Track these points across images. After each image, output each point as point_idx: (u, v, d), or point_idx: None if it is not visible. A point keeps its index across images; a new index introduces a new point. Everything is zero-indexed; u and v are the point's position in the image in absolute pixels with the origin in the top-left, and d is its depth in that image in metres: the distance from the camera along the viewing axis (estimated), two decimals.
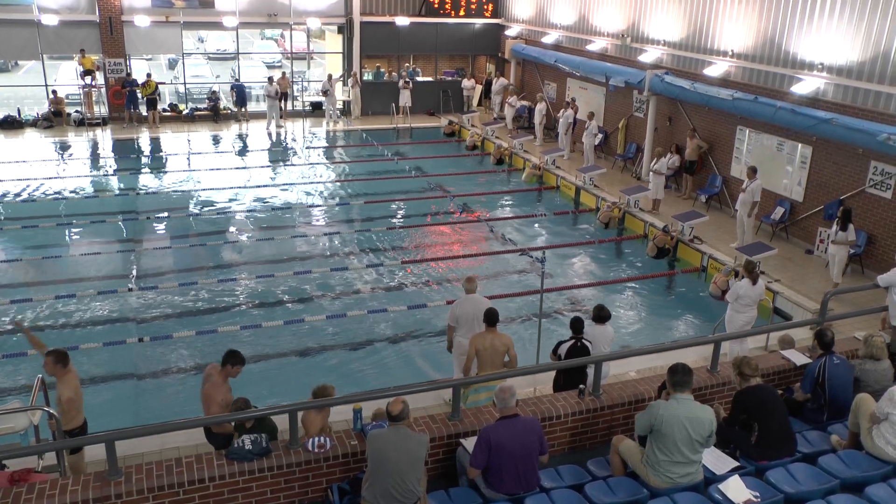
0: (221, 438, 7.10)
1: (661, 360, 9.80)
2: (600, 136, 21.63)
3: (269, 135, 25.81)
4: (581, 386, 7.26)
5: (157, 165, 22.34)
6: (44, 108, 26.08)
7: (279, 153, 24.07)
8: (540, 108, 23.83)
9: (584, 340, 8.42)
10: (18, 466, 6.35)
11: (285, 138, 25.75)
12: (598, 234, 16.70)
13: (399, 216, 17.81)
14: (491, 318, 8.35)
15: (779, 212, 15.41)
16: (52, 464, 7.08)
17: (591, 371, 7.69)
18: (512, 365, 8.32)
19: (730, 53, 16.76)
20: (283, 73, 27.66)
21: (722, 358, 7.95)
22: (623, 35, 20.79)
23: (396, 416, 5.69)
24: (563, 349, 8.39)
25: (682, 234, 15.06)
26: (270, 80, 26.52)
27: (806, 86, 14.62)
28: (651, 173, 17.50)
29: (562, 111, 22.62)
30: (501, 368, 8.23)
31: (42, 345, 7.60)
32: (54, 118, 25.50)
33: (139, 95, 25.64)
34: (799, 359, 8.07)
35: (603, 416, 7.17)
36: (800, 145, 15.14)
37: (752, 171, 14.51)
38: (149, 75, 25.89)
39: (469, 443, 6.26)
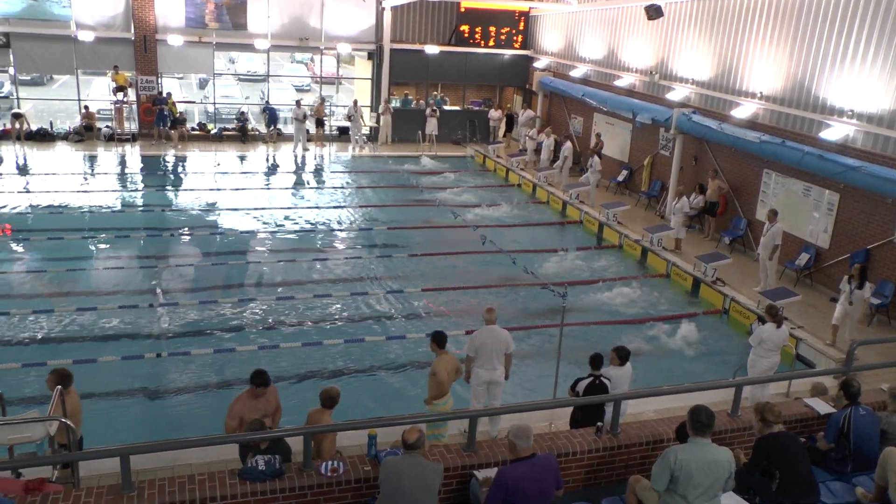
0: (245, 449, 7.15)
1: (680, 402, 9.66)
2: (625, 173, 21.60)
3: (296, 157, 26.06)
4: (599, 423, 7.17)
5: (184, 183, 22.56)
6: (76, 122, 26.57)
7: (304, 176, 24.26)
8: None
9: (602, 378, 8.34)
10: (33, 476, 6.34)
11: (320, 161, 25.98)
12: (620, 272, 16.62)
13: (421, 244, 17.81)
14: (441, 340, 8.61)
15: (803, 258, 15.24)
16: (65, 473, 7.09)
17: (609, 409, 7.60)
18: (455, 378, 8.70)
19: (758, 95, 16.75)
20: (323, 99, 28.01)
21: (743, 402, 7.83)
22: (651, 72, 20.86)
23: (412, 444, 5.64)
24: (581, 386, 8.30)
25: (704, 274, 14.97)
26: (298, 103, 26.87)
27: (835, 132, 14.53)
28: (672, 213, 17.46)
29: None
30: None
31: None
32: (85, 132, 25.95)
33: (168, 113, 26.03)
34: (823, 407, 7.92)
35: (620, 455, 7.07)
36: (827, 191, 15.02)
37: (773, 215, 14.43)
38: (168, 94, 26.27)
39: (483, 474, 6.18)
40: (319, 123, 27.65)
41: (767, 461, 6.32)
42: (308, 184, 23.50)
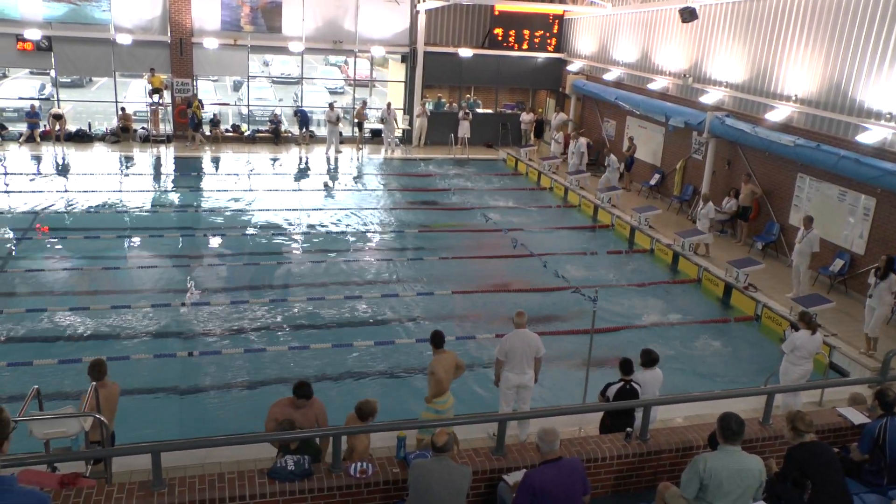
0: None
1: (710, 409, 9.56)
2: (657, 177, 21.43)
3: (328, 160, 26.26)
4: (628, 429, 7.13)
5: (217, 184, 22.83)
6: (112, 123, 27.02)
7: (337, 178, 24.40)
8: (581, 142, 24.24)
9: (633, 383, 8.28)
10: (68, 470, 6.46)
11: (357, 164, 26.19)
12: (651, 276, 16.50)
13: (451, 246, 17.84)
14: (438, 340, 8.62)
15: (837, 264, 14.99)
16: (98, 469, 7.22)
17: (638, 415, 7.54)
18: (458, 374, 8.77)
19: (793, 98, 16.51)
20: (364, 102, 28.20)
21: (775, 411, 7.73)
22: (685, 75, 20.68)
23: (441, 447, 5.65)
24: (611, 391, 8.25)
25: (736, 280, 14.81)
26: (331, 105, 27.08)
27: (872, 135, 14.27)
28: (698, 217, 17.33)
29: (573, 141, 24.20)
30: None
31: None
32: (122, 134, 26.39)
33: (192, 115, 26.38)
34: (856, 417, 7.79)
35: (649, 461, 7.02)
36: (863, 196, 14.77)
37: (809, 221, 14.18)
38: (194, 96, 26.58)
39: (511, 478, 6.18)
40: (359, 126, 27.83)
41: (799, 471, 6.23)
42: (340, 186, 23.61)
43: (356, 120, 27.79)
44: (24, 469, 5.93)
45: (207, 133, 27.04)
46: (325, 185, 23.49)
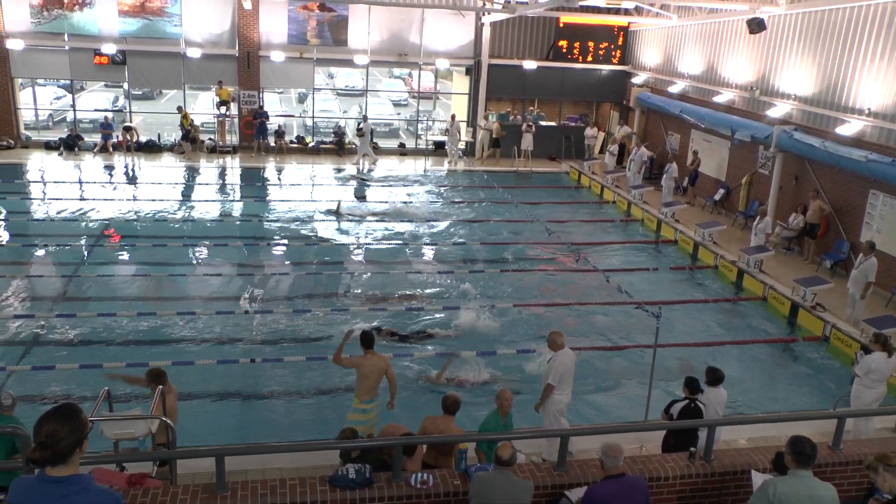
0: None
1: (775, 430, 9.32)
2: (722, 192, 21.00)
3: (359, 170, 26.12)
4: (692, 449, 6.97)
5: (281, 194, 23.21)
6: (181, 134, 27.78)
7: (406, 189, 24.42)
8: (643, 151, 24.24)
9: (698, 402, 8.11)
10: (135, 470, 6.63)
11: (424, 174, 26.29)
12: (715, 293, 16.17)
13: (513, 259, 17.78)
14: (367, 340, 8.78)
15: None
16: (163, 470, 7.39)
17: (702, 434, 7.37)
18: (392, 385, 8.89)
19: (866, 112, 15.99)
20: (453, 116, 28.35)
21: (845, 435, 7.46)
22: (752, 87, 20.25)
23: (507, 460, 5.63)
24: (675, 409, 8.10)
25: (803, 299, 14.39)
26: (365, 118, 27.51)
27: None
28: (755, 233, 16.94)
29: (634, 150, 24.07)
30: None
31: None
32: (189, 144, 27.09)
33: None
34: None
35: (713, 483, 6.84)
36: None
37: (870, 248, 13.51)
38: (179, 108, 27.10)
39: (573, 494, 6.10)
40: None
41: None
42: (403, 197, 23.57)
43: (496, 136, 27.94)
44: (95, 468, 6.10)
45: (272, 144, 27.61)
46: (388, 196, 23.49)
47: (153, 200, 21.03)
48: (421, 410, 9.26)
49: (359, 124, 27.37)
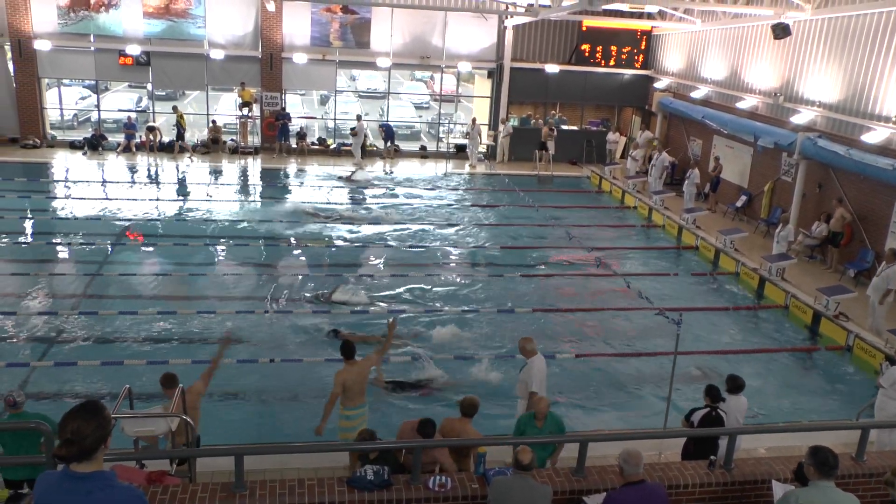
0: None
1: (796, 440, 9.21)
2: (744, 198, 20.80)
3: (352, 173, 25.95)
4: (712, 457, 6.91)
5: (301, 195, 23.32)
6: (203, 135, 28.04)
7: (424, 192, 24.44)
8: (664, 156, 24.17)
9: (719, 410, 8.04)
10: (155, 468, 6.67)
11: (442, 176, 26.25)
12: (736, 301, 16.03)
13: (534, 264, 17.73)
14: (348, 351, 8.73)
15: None
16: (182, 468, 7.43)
17: (722, 443, 7.31)
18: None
19: (893, 119, 15.80)
20: (474, 119, 28.41)
21: (868, 447, 7.36)
22: (775, 94, 20.08)
23: (527, 465, 5.62)
24: (696, 417, 8.03)
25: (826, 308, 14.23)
26: (359, 117, 27.53)
27: None
28: (777, 241, 16.78)
29: (656, 155, 24.03)
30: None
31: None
32: (212, 145, 27.33)
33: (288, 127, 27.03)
34: None
35: (733, 491, 6.78)
36: None
37: (893, 255, 13.33)
38: (174, 107, 27.18)
39: (592, 500, 6.07)
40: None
41: None
42: (425, 200, 23.52)
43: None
44: (116, 464, 6.13)
45: (294, 146, 27.77)
46: (408, 198, 23.49)
47: (174, 200, 21.24)
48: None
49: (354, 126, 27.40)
